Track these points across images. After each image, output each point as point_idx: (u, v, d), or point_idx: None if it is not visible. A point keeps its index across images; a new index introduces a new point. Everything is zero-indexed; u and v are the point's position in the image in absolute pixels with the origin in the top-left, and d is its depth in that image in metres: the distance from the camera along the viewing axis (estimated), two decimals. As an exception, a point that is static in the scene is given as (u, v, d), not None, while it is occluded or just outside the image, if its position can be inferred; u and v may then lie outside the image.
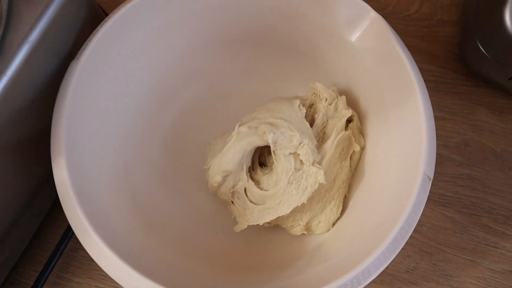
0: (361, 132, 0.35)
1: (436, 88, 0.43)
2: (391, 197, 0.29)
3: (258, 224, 0.35)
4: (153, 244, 0.32)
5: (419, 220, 0.38)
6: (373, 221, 0.29)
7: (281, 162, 0.31)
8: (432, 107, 0.42)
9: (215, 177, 0.33)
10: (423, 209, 0.39)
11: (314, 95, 0.35)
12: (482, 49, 0.37)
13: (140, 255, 0.30)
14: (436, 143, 0.41)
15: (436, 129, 0.41)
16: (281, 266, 0.32)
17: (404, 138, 0.30)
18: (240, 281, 0.31)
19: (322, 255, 0.32)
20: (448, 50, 0.44)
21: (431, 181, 0.28)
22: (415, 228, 0.38)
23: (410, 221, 0.27)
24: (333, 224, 0.34)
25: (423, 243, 0.38)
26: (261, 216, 0.32)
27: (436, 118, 0.42)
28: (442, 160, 0.41)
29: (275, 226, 0.36)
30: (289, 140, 0.31)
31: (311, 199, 0.32)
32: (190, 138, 0.39)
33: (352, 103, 0.36)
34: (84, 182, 0.30)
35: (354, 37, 0.32)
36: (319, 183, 0.31)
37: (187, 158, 0.38)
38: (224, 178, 0.33)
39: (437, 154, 0.41)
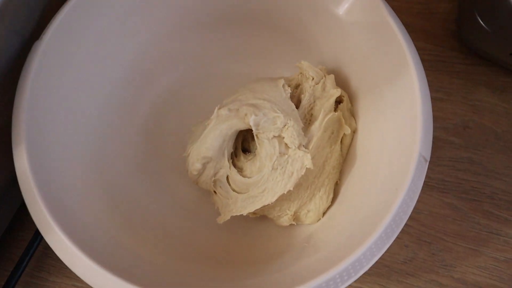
0: (352, 114, 0.33)
1: (432, 67, 0.40)
2: (384, 182, 0.27)
3: (243, 215, 0.32)
4: (130, 240, 0.29)
5: (416, 207, 0.36)
6: (365, 209, 0.27)
7: (264, 147, 0.29)
8: (429, 88, 0.40)
9: (194, 165, 0.30)
10: (420, 195, 0.36)
11: (300, 75, 0.32)
12: (483, 24, 0.34)
13: (114, 252, 0.27)
14: (434, 126, 0.39)
15: (433, 111, 0.39)
16: (269, 260, 0.30)
17: (398, 119, 0.28)
18: (225, 277, 0.29)
19: (312, 247, 0.29)
20: (444, 27, 0.41)
21: (427, 163, 0.26)
22: (412, 215, 0.36)
23: (405, 207, 0.25)
24: (324, 214, 0.32)
25: (421, 231, 0.36)
26: (245, 205, 0.30)
27: (433, 99, 0.39)
28: (440, 144, 0.38)
29: (262, 217, 0.33)
30: (273, 122, 0.28)
31: (298, 186, 0.30)
32: (170, 126, 0.37)
33: (342, 82, 0.33)
34: (49, 173, 0.27)
35: (342, 9, 0.30)
36: (306, 168, 0.28)
37: (167, 147, 0.36)
38: (204, 166, 0.30)
39: (435, 137, 0.38)
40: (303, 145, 0.29)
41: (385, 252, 0.35)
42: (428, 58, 0.41)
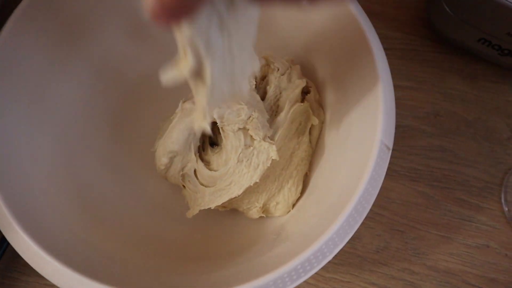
0: (321, 105, 0.33)
1: (404, 56, 0.40)
2: (348, 172, 0.27)
3: (213, 209, 0.32)
4: (99, 239, 0.29)
5: (388, 197, 0.37)
6: (330, 199, 0.27)
7: (230, 139, 0.29)
8: (400, 77, 0.40)
9: (161, 159, 0.30)
10: (392, 185, 0.37)
11: (266, 66, 0.32)
12: (449, 11, 0.34)
13: (82, 252, 0.27)
14: (405, 114, 0.39)
15: (405, 100, 0.39)
16: (239, 253, 0.30)
17: (361, 108, 0.28)
18: (195, 271, 0.29)
19: (281, 238, 0.29)
20: (415, 15, 0.41)
21: (390, 151, 0.26)
22: (384, 205, 0.36)
23: (367, 195, 0.25)
24: (294, 205, 0.32)
25: (393, 220, 0.36)
26: (212, 199, 0.29)
27: (405, 88, 0.40)
28: (412, 132, 0.38)
29: (232, 210, 0.33)
30: (237, 115, 0.28)
31: (265, 178, 0.30)
32: (140, 122, 0.36)
33: (309, 74, 0.33)
34: (11, 173, 0.27)
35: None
36: (272, 159, 0.28)
37: (137, 143, 0.35)
38: (171, 160, 0.30)
39: (406, 126, 0.38)
40: (269, 137, 0.29)
41: (358, 242, 0.35)
42: (400, 47, 0.41)
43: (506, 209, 0.36)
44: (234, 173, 0.29)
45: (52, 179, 0.30)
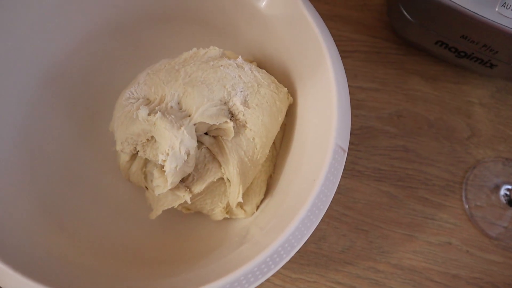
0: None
1: (367, 58, 0.41)
2: (305, 173, 0.27)
3: (179, 211, 0.32)
4: (60, 244, 0.29)
5: (353, 197, 0.37)
6: (288, 201, 0.27)
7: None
8: (364, 78, 0.41)
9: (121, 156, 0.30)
10: (357, 185, 0.37)
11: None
12: (406, 14, 0.35)
13: (40, 259, 0.27)
14: (369, 116, 0.39)
15: (369, 101, 0.40)
16: (202, 256, 0.30)
17: (317, 110, 0.28)
18: (158, 275, 0.29)
19: (244, 241, 0.29)
20: (378, 18, 0.42)
21: (346, 153, 0.26)
22: (349, 205, 0.37)
23: (322, 197, 0.25)
24: (258, 207, 0.32)
25: (358, 220, 0.37)
26: (175, 198, 0.29)
27: (368, 89, 0.40)
28: (375, 133, 0.39)
29: (197, 213, 0.33)
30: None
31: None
32: (104, 123, 0.36)
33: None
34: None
35: (263, 3, 0.30)
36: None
37: (99, 145, 0.35)
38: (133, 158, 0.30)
39: (370, 126, 0.39)
40: None
41: (323, 242, 0.36)
42: (364, 49, 0.41)
43: (467, 206, 0.37)
44: (197, 169, 0.29)
45: (11, 185, 0.30)
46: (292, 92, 0.31)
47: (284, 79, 0.32)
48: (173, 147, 0.26)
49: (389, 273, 0.36)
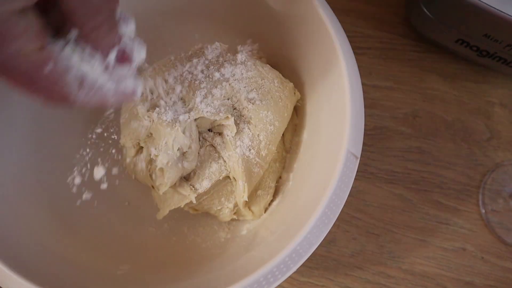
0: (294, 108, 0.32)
1: (383, 55, 0.39)
2: (316, 179, 0.26)
3: (184, 212, 0.32)
4: (63, 245, 0.29)
5: (365, 200, 0.36)
6: (298, 207, 0.26)
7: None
8: (379, 77, 0.39)
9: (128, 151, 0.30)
10: (369, 187, 0.36)
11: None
12: (426, 11, 0.33)
13: (40, 260, 0.27)
14: (383, 115, 0.38)
15: (384, 100, 0.39)
16: (210, 258, 0.30)
17: (330, 112, 0.27)
18: (164, 280, 0.29)
19: (253, 244, 0.29)
20: (396, 14, 0.40)
21: (358, 160, 0.25)
22: (360, 208, 0.36)
23: (332, 206, 0.24)
24: (266, 209, 0.31)
25: (369, 224, 0.36)
26: (182, 197, 0.29)
27: (383, 88, 0.39)
28: (389, 134, 0.37)
29: (205, 214, 0.33)
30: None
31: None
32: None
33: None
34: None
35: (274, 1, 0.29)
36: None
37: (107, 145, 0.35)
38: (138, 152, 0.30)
39: (384, 127, 0.38)
40: None
41: (333, 245, 0.35)
42: (379, 46, 0.40)
43: (483, 211, 0.36)
44: (202, 167, 0.29)
45: (18, 184, 0.30)
46: (303, 90, 0.30)
47: (294, 76, 0.31)
48: (166, 143, 0.27)
49: (400, 279, 0.35)
